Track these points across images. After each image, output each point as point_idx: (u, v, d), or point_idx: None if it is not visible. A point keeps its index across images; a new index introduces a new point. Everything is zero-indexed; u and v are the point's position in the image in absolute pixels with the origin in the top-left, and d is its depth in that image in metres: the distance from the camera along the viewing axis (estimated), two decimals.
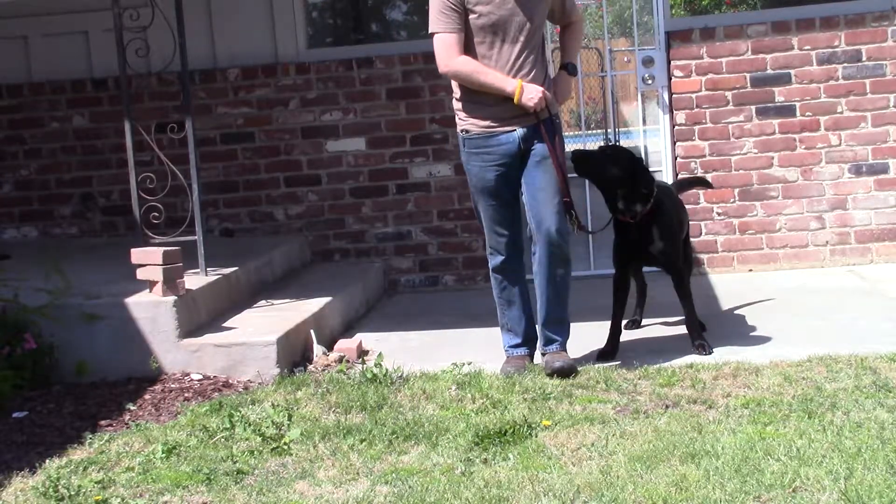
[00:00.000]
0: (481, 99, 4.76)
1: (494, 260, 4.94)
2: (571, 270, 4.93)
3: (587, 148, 6.07)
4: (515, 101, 4.67)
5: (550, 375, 4.72)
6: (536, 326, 4.97)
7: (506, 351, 5.03)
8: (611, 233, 5.21)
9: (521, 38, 4.74)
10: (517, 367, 4.88)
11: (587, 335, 5.24)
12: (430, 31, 4.80)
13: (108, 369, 5.10)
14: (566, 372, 4.71)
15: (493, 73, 4.69)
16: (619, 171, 4.99)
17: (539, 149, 4.79)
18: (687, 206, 6.88)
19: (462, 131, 4.85)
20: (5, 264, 6.15)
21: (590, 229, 5.21)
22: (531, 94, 4.69)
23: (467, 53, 4.73)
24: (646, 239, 5.05)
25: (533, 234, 4.83)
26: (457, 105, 4.87)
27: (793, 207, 6.87)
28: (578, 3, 4.64)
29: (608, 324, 5.15)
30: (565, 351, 4.89)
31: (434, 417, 4.30)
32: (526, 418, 4.17)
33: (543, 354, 4.90)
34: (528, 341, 5.00)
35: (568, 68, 4.98)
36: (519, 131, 4.76)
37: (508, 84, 4.69)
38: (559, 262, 4.82)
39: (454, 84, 4.84)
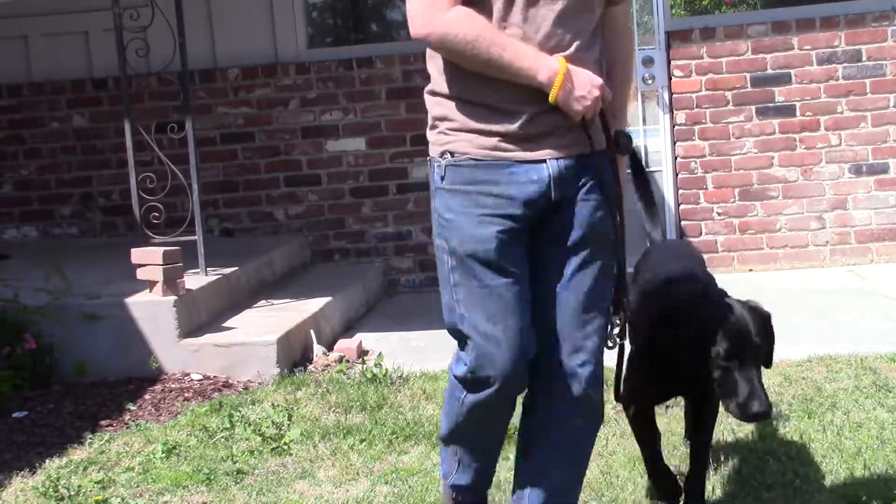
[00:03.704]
0: (486, 95, 2.64)
1: (483, 391, 2.73)
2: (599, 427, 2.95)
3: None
4: (552, 96, 2.59)
5: None
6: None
7: (442, 479, 3.13)
8: None
9: None
10: None
11: None
12: None
13: (108, 369, 5.09)
14: None
15: (515, 44, 2.59)
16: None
17: (588, 212, 2.72)
18: (687, 206, 6.91)
19: (443, 154, 2.74)
20: (5, 264, 6.16)
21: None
22: (583, 86, 2.61)
23: None
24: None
25: (542, 371, 2.79)
26: (437, 107, 2.78)
27: (793, 207, 6.86)
28: None
29: None
30: None
31: (434, 417, 4.30)
32: None
33: None
34: (482, 487, 3.07)
35: (619, 142, 2.79)
36: (553, 165, 2.67)
37: (542, 65, 2.58)
38: (589, 419, 2.87)
39: (434, 67, 2.79)
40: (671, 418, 4.06)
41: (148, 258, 5.13)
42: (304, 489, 3.68)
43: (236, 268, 5.87)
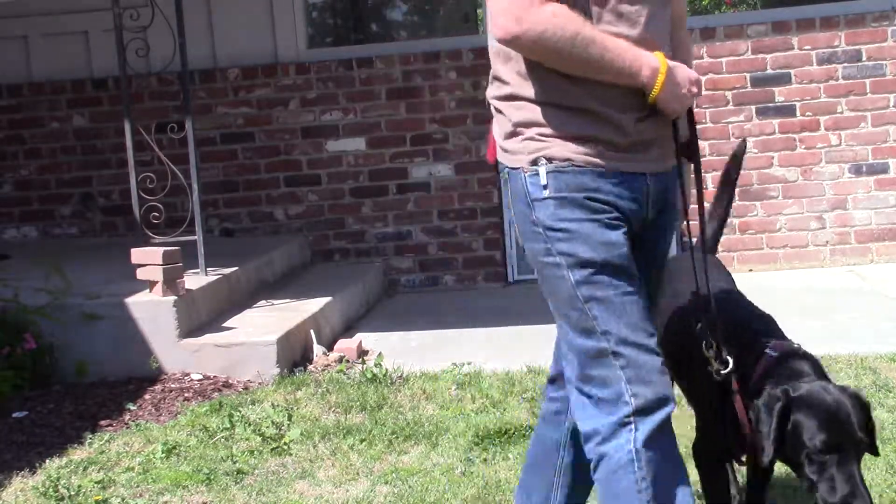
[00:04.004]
0: (582, 99, 2.37)
1: (656, 412, 2.35)
2: None
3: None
4: (654, 96, 2.39)
5: None
6: None
7: None
8: None
9: None
10: None
11: None
12: None
13: (108, 369, 5.09)
14: None
15: (613, 41, 2.34)
16: None
17: (668, 233, 2.65)
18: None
19: (537, 162, 2.39)
20: (5, 264, 6.16)
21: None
22: (683, 84, 2.46)
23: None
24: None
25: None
26: (520, 112, 2.42)
27: (793, 207, 6.87)
28: None
29: None
30: None
31: (434, 417, 4.30)
32: (526, 418, 4.17)
33: None
34: None
35: (693, 152, 2.62)
36: (651, 180, 2.49)
37: (643, 63, 2.36)
38: None
39: (510, 69, 2.44)
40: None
41: (148, 258, 5.13)
42: (304, 489, 3.68)
43: (236, 268, 5.87)
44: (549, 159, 2.38)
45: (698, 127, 6.09)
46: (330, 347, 5.46)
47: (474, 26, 7.87)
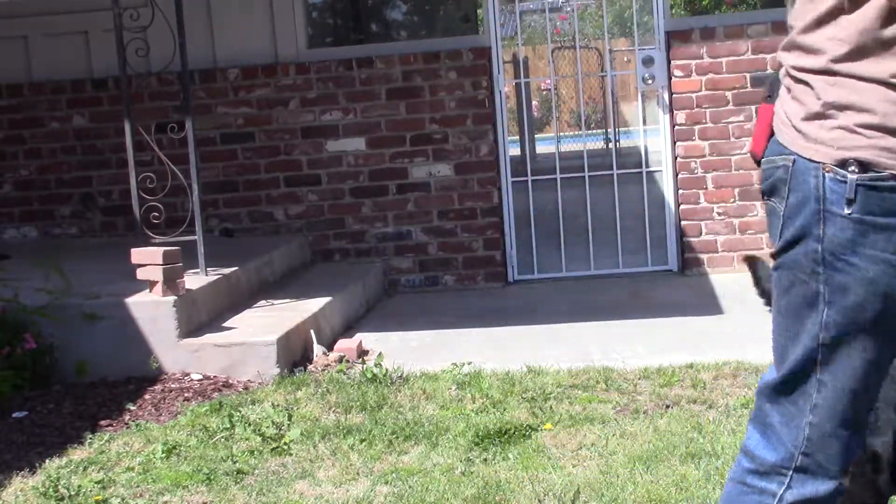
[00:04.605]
0: None
1: (824, 483, 2.03)
2: None
3: None
4: None
5: None
6: None
7: None
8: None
9: None
10: None
11: (590, 334, 5.24)
12: None
13: (108, 369, 5.10)
14: None
15: None
16: None
17: None
18: (687, 206, 6.91)
19: (846, 164, 1.88)
20: (5, 264, 6.15)
21: None
22: None
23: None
24: None
25: None
26: (836, 91, 1.90)
27: None
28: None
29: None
30: None
31: (434, 417, 4.30)
32: (526, 418, 4.17)
33: None
34: None
35: None
36: None
37: None
38: None
39: (825, 35, 1.99)
40: (671, 419, 4.07)
41: (148, 258, 5.13)
42: (304, 489, 3.68)
43: (236, 268, 5.87)
44: (864, 165, 1.85)
45: (697, 127, 6.13)
46: (330, 347, 5.46)
47: (474, 26, 7.87)
